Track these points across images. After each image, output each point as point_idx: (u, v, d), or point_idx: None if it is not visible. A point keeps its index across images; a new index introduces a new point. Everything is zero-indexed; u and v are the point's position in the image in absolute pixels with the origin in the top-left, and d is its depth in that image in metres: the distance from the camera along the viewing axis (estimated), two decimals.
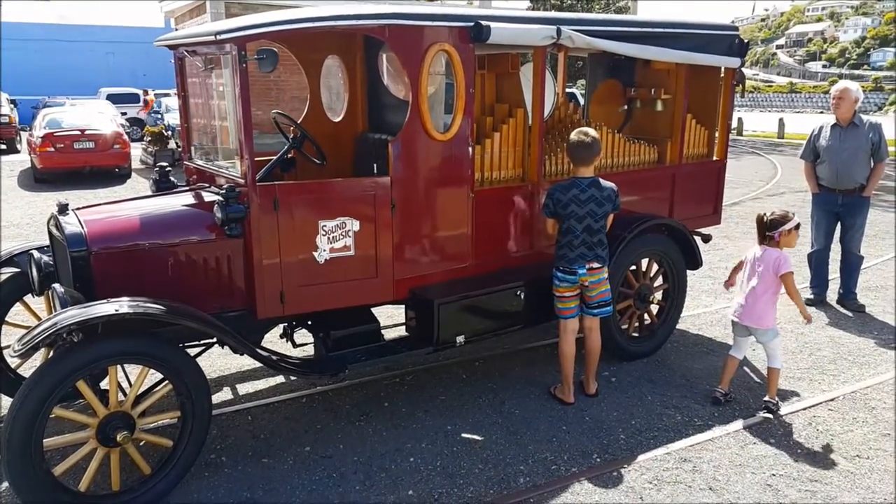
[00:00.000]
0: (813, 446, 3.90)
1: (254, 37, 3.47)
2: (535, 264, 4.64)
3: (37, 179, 14.03)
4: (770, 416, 4.18)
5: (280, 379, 4.77)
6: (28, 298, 4.28)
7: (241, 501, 3.40)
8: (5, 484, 3.48)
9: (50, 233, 3.84)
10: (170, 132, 16.04)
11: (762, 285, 4.14)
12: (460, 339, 4.18)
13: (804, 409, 4.34)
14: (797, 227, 4.19)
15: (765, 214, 4.26)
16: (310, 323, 4.25)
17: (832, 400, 4.46)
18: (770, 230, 4.19)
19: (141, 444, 3.43)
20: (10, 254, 4.22)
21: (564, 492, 3.47)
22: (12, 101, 21.93)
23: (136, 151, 16.50)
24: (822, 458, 3.78)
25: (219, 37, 3.42)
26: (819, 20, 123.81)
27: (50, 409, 3.03)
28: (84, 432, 3.22)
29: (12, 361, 4.28)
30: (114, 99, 24.95)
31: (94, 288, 3.45)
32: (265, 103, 12.01)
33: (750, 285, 4.19)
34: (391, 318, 5.48)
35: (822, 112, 45.39)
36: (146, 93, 19.74)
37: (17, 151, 19.28)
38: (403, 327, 4.53)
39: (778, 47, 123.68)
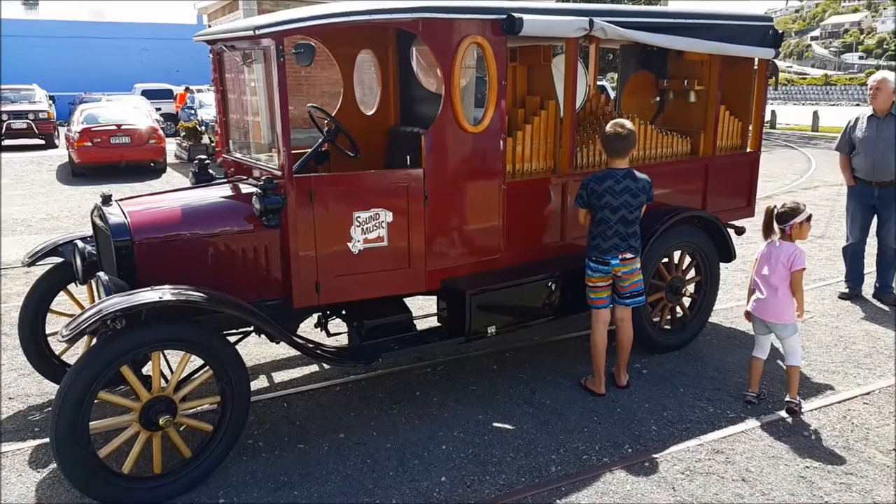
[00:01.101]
0: (848, 439, 3.87)
1: (291, 31, 3.54)
2: (567, 256, 4.66)
3: (74, 173, 14.37)
4: (791, 416, 4.12)
5: (314, 367, 4.86)
6: (71, 287, 4.42)
7: (279, 485, 3.48)
8: (53, 464, 3.61)
9: (94, 223, 3.96)
10: (203, 127, 16.28)
11: (778, 279, 4.07)
12: (491, 329, 4.21)
13: (839, 402, 4.30)
14: (809, 218, 4.08)
15: (775, 206, 4.18)
16: (344, 312, 4.32)
17: (868, 394, 4.41)
18: (781, 223, 4.11)
19: (182, 428, 3.53)
20: (55, 244, 4.35)
21: (596, 481, 3.50)
22: (50, 98, 22.42)
23: (171, 146, 16.79)
24: (857, 452, 3.75)
25: (257, 32, 3.49)
26: (856, 10, 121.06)
27: (96, 392, 3.13)
28: (128, 416, 3.33)
29: (57, 348, 4.43)
30: (148, 95, 25.38)
31: (136, 276, 3.55)
32: (296, 98, 12.11)
33: (767, 280, 4.13)
34: (422, 310, 5.54)
35: (857, 104, 44.33)
36: (188, 89, 19.92)
37: (56, 146, 19.75)
38: (435, 318, 4.58)
39: (812, 39, 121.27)
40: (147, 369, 3.47)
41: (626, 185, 4.11)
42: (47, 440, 3.68)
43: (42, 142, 19.87)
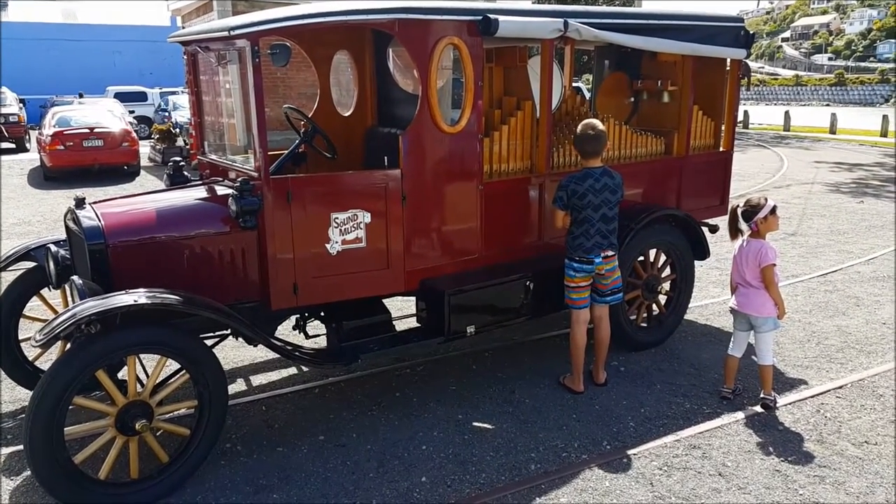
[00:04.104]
0: (821, 433, 3.94)
1: (267, 32, 3.52)
2: (544, 255, 4.69)
3: (46, 177, 14.15)
4: (766, 411, 4.18)
5: (293, 370, 4.83)
6: (45, 292, 4.35)
7: (258, 489, 3.46)
8: (27, 472, 3.55)
9: (67, 227, 3.90)
10: (178, 129, 16.11)
11: (752, 276, 4.12)
12: (471, 329, 4.23)
13: (812, 396, 4.38)
14: (773, 210, 4.14)
15: (738, 206, 4.23)
16: (322, 314, 4.31)
17: (840, 388, 4.49)
18: (747, 220, 4.17)
19: (159, 432, 3.49)
20: (27, 248, 4.28)
21: (575, 478, 3.53)
22: (21, 101, 22.03)
23: (145, 149, 16.60)
24: (830, 445, 3.82)
25: (232, 32, 3.47)
26: (825, 12, 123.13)
27: (71, 397, 3.10)
28: (103, 421, 3.29)
29: (30, 354, 4.36)
30: (121, 97, 25.06)
31: (111, 280, 3.51)
32: (272, 100, 12.05)
33: (743, 278, 4.18)
34: (401, 310, 5.54)
35: (827, 104, 45.16)
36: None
37: (27, 150, 19.42)
38: (414, 318, 4.58)
39: (783, 40, 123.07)
40: (123, 374, 3.43)
41: (605, 182, 4.15)
42: (21, 447, 3.62)
43: (13, 146, 19.52)
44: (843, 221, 9.55)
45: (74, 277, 3.47)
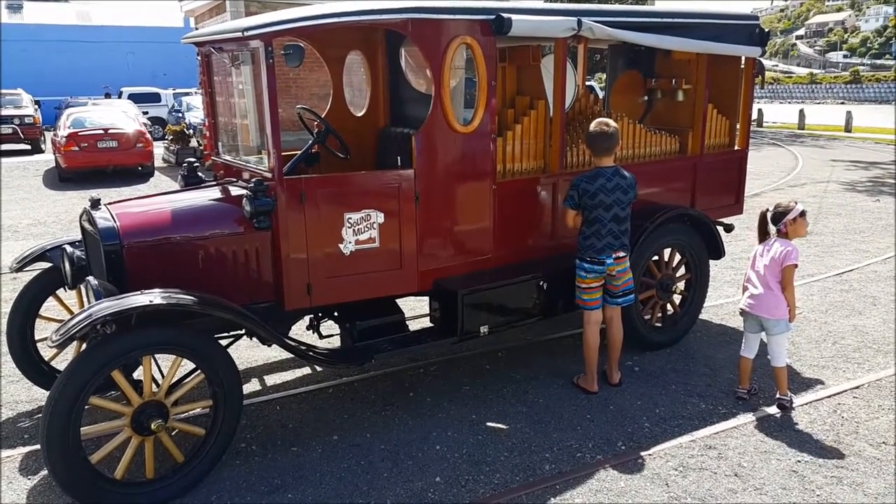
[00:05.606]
0: (838, 433, 3.90)
1: (280, 33, 3.53)
2: (556, 255, 4.67)
3: (61, 178, 14.26)
4: (782, 412, 4.14)
5: (307, 370, 4.84)
6: (60, 292, 4.38)
7: (272, 488, 3.47)
8: (44, 471, 3.58)
9: (82, 227, 3.93)
10: (191, 131, 16.20)
11: (771, 275, 4.09)
12: (484, 329, 4.22)
13: (829, 396, 4.34)
14: (802, 214, 4.12)
15: (767, 209, 4.22)
16: (336, 314, 4.31)
17: (857, 388, 4.45)
18: (775, 223, 4.15)
19: (174, 432, 3.51)
20: (43, 249, 4.32)
21: (590, 478, 3.51)
22: (36, 102, 22.22)
23: (159, 150, 16.70)
24: (847, 445, 3.78)
25: (246, 33, 3.47)
26: (840, 10, 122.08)
27: (87, 397, 3.11)
28: (119, 421, 3.31)
29: (46, 354, 4.39)
30: (135, 98, 25.23)
31: (126, 280, 3.53)
32: (284, 101, 12.09)
33: (761, 276, 4.15)
34: (414, 311, 5.53)
35: (843, 102, 44.73)
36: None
37: (42, 151, 19.58)
38: (428, 318, 4.58)
39: (798, 38, 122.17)
40: (138, 374, 3.45)
41: (617, 182, 4.13)
42: (38, 447, 3.65)
43: (28, 147, 19.67)
44: (860, 220, 9.46)
45: (90, 278, 3.49)
